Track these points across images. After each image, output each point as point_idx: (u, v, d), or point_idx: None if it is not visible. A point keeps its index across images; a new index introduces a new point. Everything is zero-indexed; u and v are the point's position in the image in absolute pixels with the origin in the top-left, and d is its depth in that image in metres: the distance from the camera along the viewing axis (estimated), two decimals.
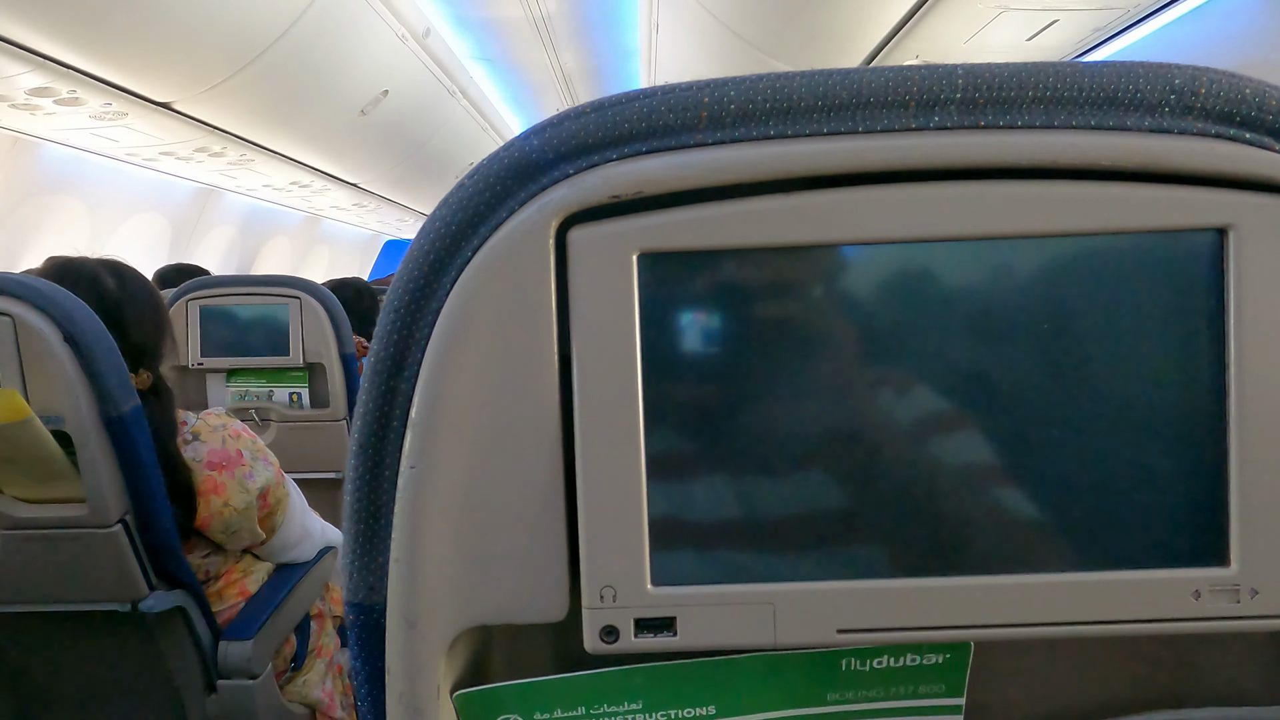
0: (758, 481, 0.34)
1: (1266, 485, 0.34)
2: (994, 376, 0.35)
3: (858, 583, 0.34)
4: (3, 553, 1.29)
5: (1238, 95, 0.35)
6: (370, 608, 0.37)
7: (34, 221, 3.55)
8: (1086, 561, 0.34)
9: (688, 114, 0.35)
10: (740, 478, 0.34)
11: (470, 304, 0.35)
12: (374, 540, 0.37)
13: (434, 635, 0.35)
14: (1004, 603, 0.34)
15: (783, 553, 0.34)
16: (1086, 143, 0.34)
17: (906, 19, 2.30)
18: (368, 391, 0.37)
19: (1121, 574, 0.34)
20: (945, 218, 0.34)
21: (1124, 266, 0.34)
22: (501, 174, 0.35)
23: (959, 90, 0.35)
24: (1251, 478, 0.34)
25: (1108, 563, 0.34)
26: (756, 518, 0.34)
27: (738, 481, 0.34)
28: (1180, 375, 0.34)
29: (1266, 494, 0.34)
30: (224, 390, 2.31)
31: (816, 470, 0.34)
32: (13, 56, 2.37)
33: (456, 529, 0.35)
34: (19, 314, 1.19)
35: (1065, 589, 0.34)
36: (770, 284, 0.34)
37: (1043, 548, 0.35)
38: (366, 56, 3.62)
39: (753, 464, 0.35)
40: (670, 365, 0.34)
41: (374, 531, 0.37)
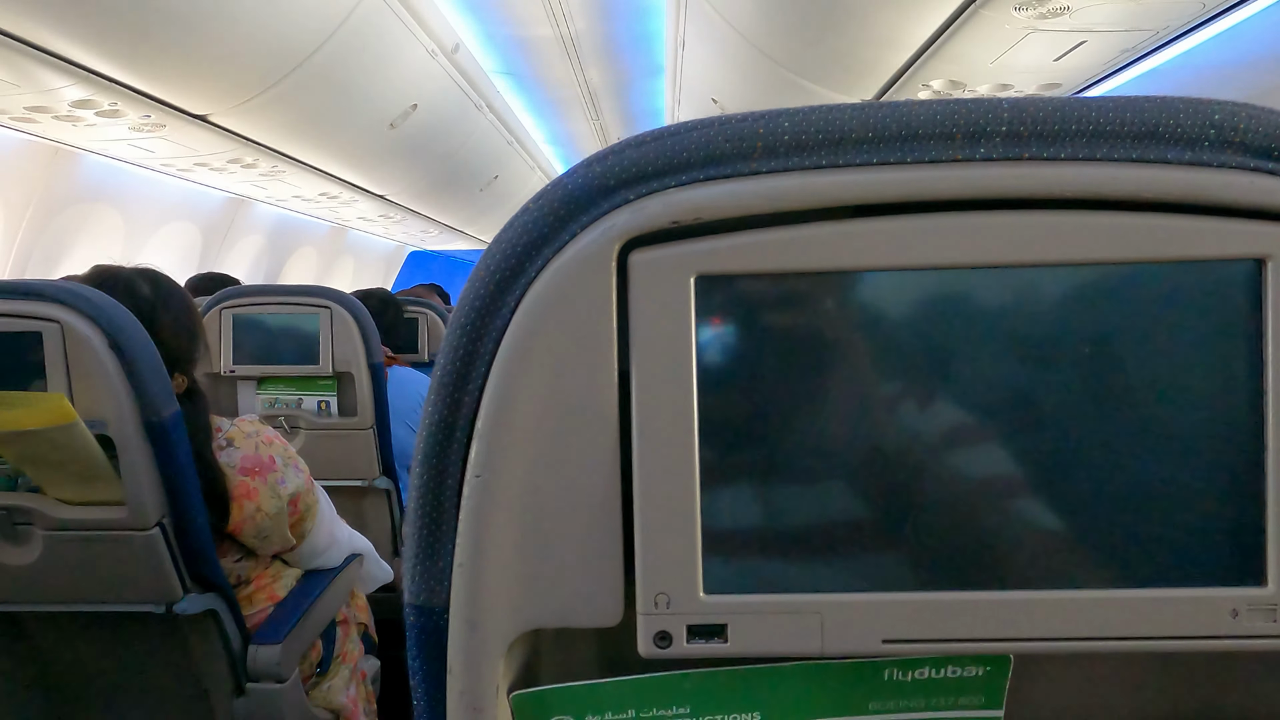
0: (807, 495, 0.36)
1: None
2: (1038, 397, 0.36)
3: (903, 595, 0.35)
4: (44, 553, 1.32)
5: (1277, 130, 0.36)
6: (431, 609, 0.39)
7: (72, 229, 3.63)
8: (1125, 579, 0.36)
9: (744, 144, 0.37)
10: (790, 491, 0.36)
11: (535, 321, 0.36)
12: (436, 545, 0.39)
13: (494, 637, 0.36)
14: (1044, 617, 0.35)
15: (831, 564, 0.36)
16: (1128, 175, 0.35)
17: (933, 39, 2.32)
18: (433, 403, 0.39)
19: (1160, 592, 0.35)
20: (991, 246, 0.35)
21: (1164, 292, 0.36)
22: (565, 199, 0.37)
23: (1004, 123, 0.37)
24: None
25: (1147, 580, 0.35)
26: (806, 530, 0.36)
27: (788, 494, 0.36)
28: (1218, 398, 0.36)
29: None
30: (254, 397, 2.35)
31: (864, 485, 0.36)
32: (58, 70, 2.44)
33: (518, 536, 0.36)
34: (67, 321, 1.23)
35: (1104, 605, 0.35)
36: (821, 306, 0.36)
37: (1083, 564, 0.36)
38: (397, 71, 3.68)
39: (802, 478, 0.36)
40: (724, 382, 0.36)
41: (436, 537, 0.39)
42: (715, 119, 0.38)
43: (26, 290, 1.24)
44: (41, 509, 1.29)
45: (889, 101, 0.38)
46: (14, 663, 1.51)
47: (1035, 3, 1.93)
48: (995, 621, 0.35)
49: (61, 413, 1.19)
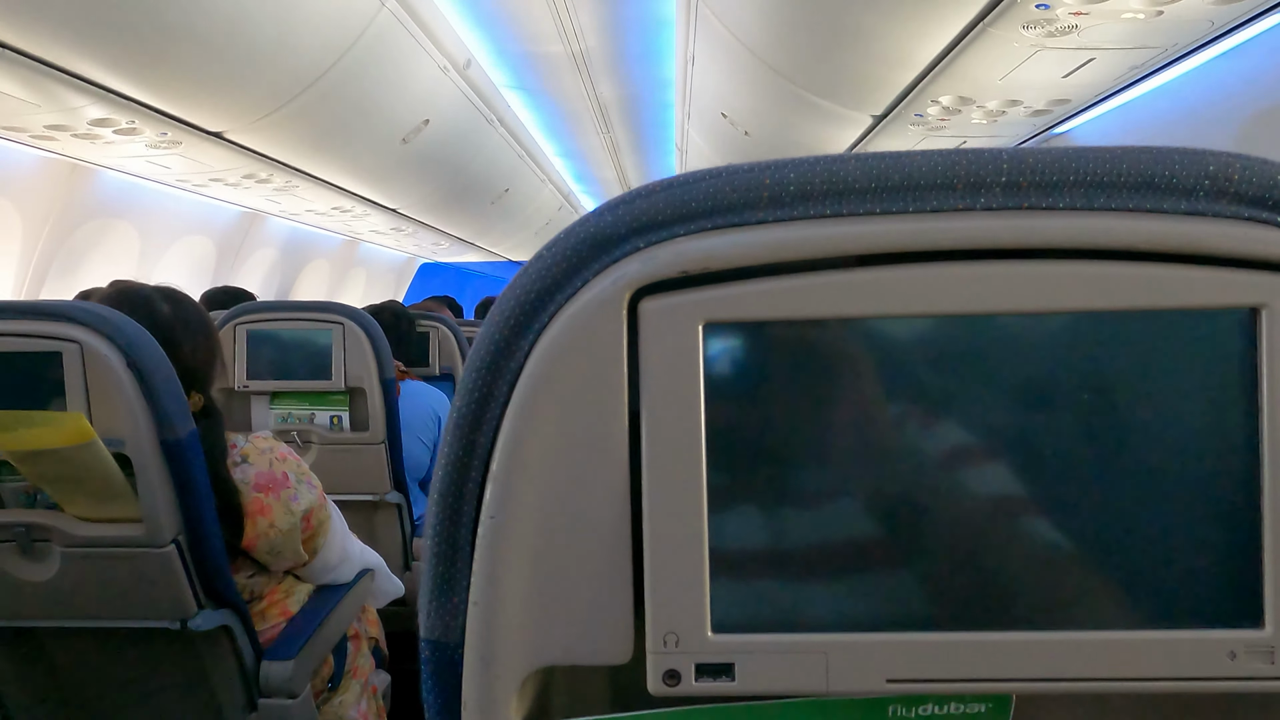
0: (812, 538, 0.37)
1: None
2: (1038, 441, 0.37)
3: (906, 635, 0.36)
4: (62, 569, 1.34)
5: (1270, 180, 0.37)
6: (445, 644, 0.40)
7: (89, 244, 3.67)
8: (1125, 620, 0.36)
9: (750, 194, 0.38)
10: (796, 534, 0.37)
11: (549, 365, 0.38)
12: (451, 582, 0.40)
13: (508, 674, 0.37)
14: (1044, 658, 0.36)
15: (835, 605, 0.37)
16: (1125, 226, 0.36)
17: (942, 56, 2.33)
18: (449, 444, 0.40)
19: (1159, 633, 0.36)
20: (991, 294, 0.36)
21: (1161, 339, 0.36)
22: (578, 246, 0.39)
23: (1004, 174, 0.38)
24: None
25: (1146, 622, 0.36)
26: (811, 572, 0.37)
27: (793, 537, 0.37)
28: (1215, 443, 0.36)
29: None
30: (268, 412, 2.37)
31: (867, 529, 0.37)
32: (78, 89, 2.48)
33: (531, 575, 0.37)
34: (86, 341, 1.25)
35: (1104, 646, 0.36)
36: (825, 353, 0.37)
37: (1084, 606, 0.36)
38: (410, 87, 3.72)
39: (807, 521, 0.37)
40: (731, 427, 0.37)
41: (451, 574, 0.40)
42: (723, 169, 0.39)
43: (47, 311, 1.27)
44: (59, 526, 1.31)
45: (891, 152, 0.39)
46: (30, 677, 1.53)
47: (1043, 21, 1.94)
48: (996, 662, 0.36)
49: (80, 432, 1.21)
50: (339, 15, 2.80)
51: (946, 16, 2.08)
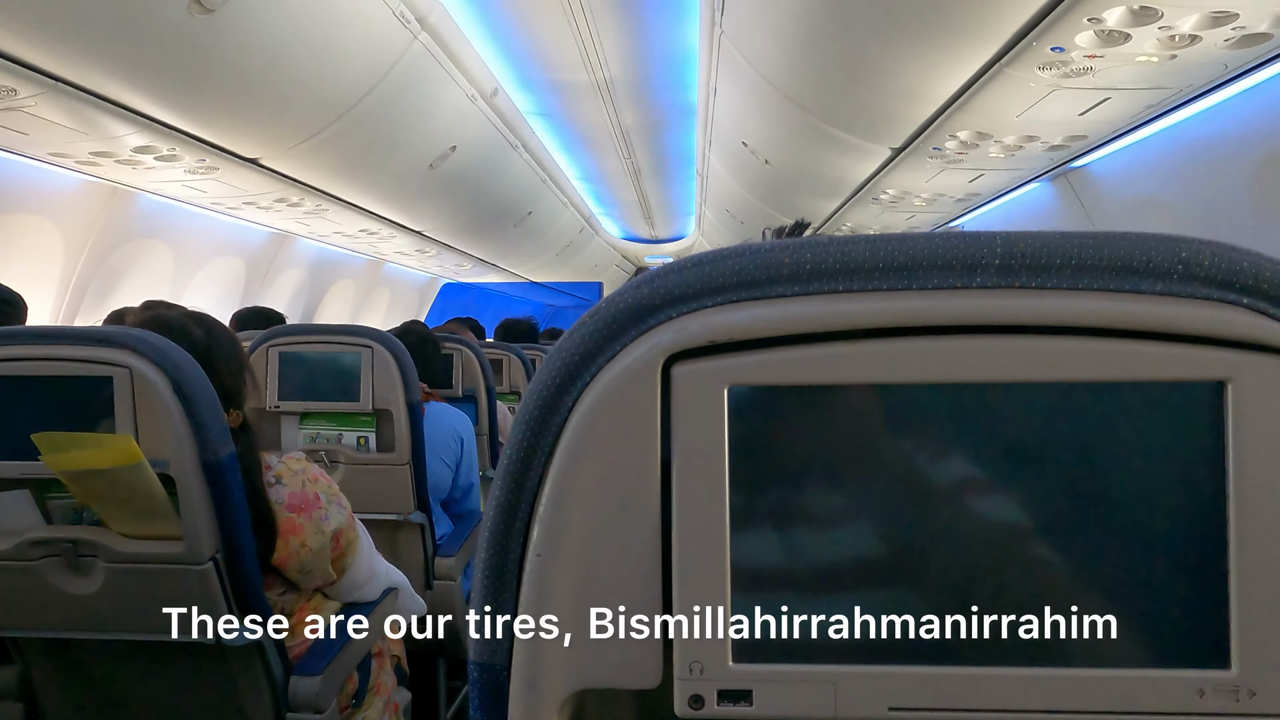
0: (822, 577, 0.41)
1: (1262, 599, 0.40)
2: (1028, 497, 0.41)
3: (905, 668, 0.41)
4: (105, 584, 1.39)
5: (1236, 266, 0.42)
6: (493, 668, 0.45)
7: (125, 264, 3.78)
8: (1105, 659, 0.40)
9: (771, 271, 0.43)
10: (807, 573, 0.42)
11: (590, 421, 0.42)
12: (498, 610, 0.45)
13: (550, 695, 0.42)
14: (1032, 691, 0.40)
15: (843, 639, 0.41)
16: (1107, 307, 0.41)
17: (959, 94, 2.38)
18: (500, 486, 0.45)
19: (1136, 672, 0.40)
20: (984, 365, 0.41)
21: (1140, 407, 0.41)
22: (618, 315, 0.44)
23: (997, 257, 0.42)
24: (1249, 592, 0.40)
25: (1124, 661, 0.40)
26: (822, 609, 0.41)
27: (805, 577, 0.41)
28: (1188, 502, 0.41)
29: (1262, 607, 0.40)
30: (297, 432, 2.43)
31: (872, 571, 0.41)
32: (122, 119, 2.58)
33: (572, 607, 0.42)
34: (136, 366, 1.31)
35: (1087, 682, 0.40)
36: (836, 414, 0.42)
37: (1068, 645, 0.41)
38: (438, 115, 3.81)
39: (818, 563, 0.42)
40: (753, 479, 0.41)
41: (499, 604, 0.44)
42: (746, 249, 0.44)
43: (100, 338, 1.33)
44: (105, 542, 1.37)
45: (896, 235, 0.44)
46: (69, 687, 1.58)
47: (1059, 63, 1.98)
48: (986, 693, 0.40)
49: (129, 454, 1.27)
50: (373, 47, 2.90)
51: (963, 57, 2.13)
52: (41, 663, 1.55)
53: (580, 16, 3.54)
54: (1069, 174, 3.30)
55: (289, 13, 2.36)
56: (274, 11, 2.31)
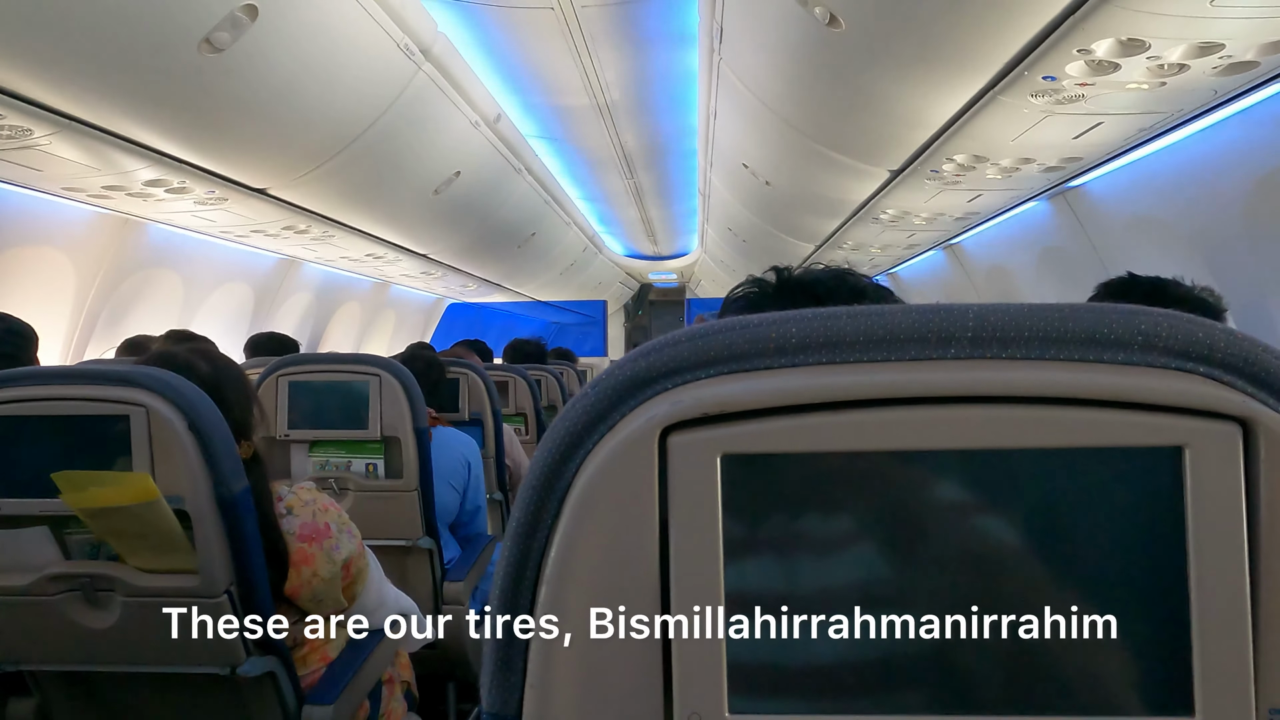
0: (813, 634, 0.44)
1: (1221, 650, 0.42)
2: (998, 554, 0.44)
3: (891, 717, 0.44)
4: (122, 617, 1.43)
5: (1191, 337, 0.45)
6: (505, 717, 0.48)
7: (135, 292, 3.84)
8: (1077, 709, 0.43)
9: (759, 344, 0.46)
10: (799, 630, 0.45)
11: (593, 486, 0.46)
12: (510, 665, 0.48)
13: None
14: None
15: (831, 691, 0.44)
16: (1071, 378, 0.44)
17: (955, 119, 2.42)
18: (509, 548, 0.48)
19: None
20: (959, 433, 0.44)
21: (1105, 470, 0.44)
22: (617, 387, 0.47)
23: (969, 330, 0.46)
24: (1210, 644, 0.42)
25: (1093, 710, 0.43)
26: (814, 662, 0.44)
27: (798, 633, 0.44)
28: (1150, 557, 0.43)
29: (1222, 657, 0.42)
30: (306, 460, 2.46)
31: (859, 628, 0.44)
32: (134, 154, 2.64)
33: (577, 663, 0.45)
34: (152, 405, 1.35)
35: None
36: (823, 478, 0.45)
37: (1042, 696, 0.44)
38: (442, 142, 3.87)
39: (809, 619, 0.45)
40: (745, 543, 0.45)
41: (509, 658, 0.48)
42: (736, 323, 0.47)
43: (118, 377, 1.37)
44: (122, 577, 1.40)
45: (876, 308, 0.47)
46: (85, 718, 1.61)
47: (1051, 91, 2.02)
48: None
49: (146, 491, 1.30)
50: (378, 79, 2.96)
51: (957, 84, 2.18)
52: (59, 695, 1.58)
53: (581, 42, 3.60)
54: (1066, 193, 3.33)
55: (296, 49, 2.42)
56: (282, 48, 2.36)
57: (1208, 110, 2.18)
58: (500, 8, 3.29)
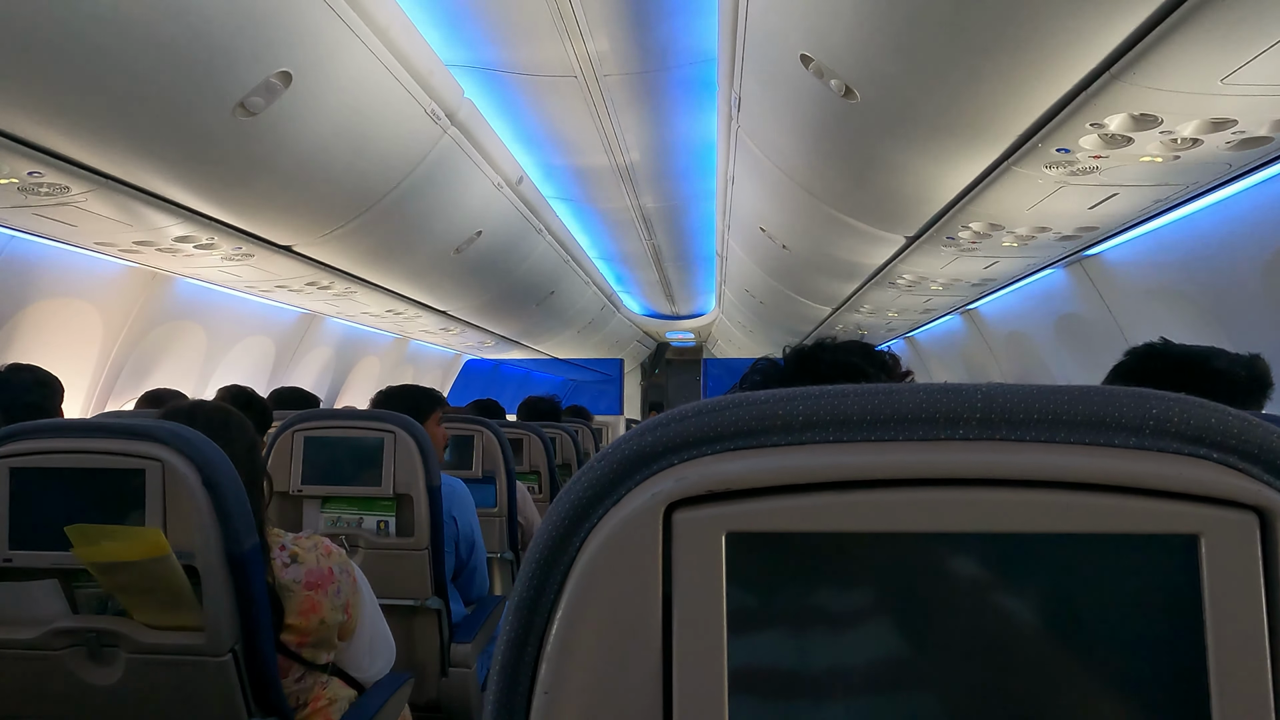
0: (815, 711, 0.43)
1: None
2: (1009, 642, 0.43)
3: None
4: (125, 675, 1.41)
5: (1204, 422, 0.44)
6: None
7: (160, 344, 3.90)
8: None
9: (765, 421, 0.46)
10: (802, 708, 0.43)
11: (597, 561, 0.45)
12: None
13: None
14: None
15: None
16: (1081, 462, 0.44)
17: (971, 188, 2.44)
18: (510, 623, 0.47)
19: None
20: (967, 517, 0.43)
21: (1117, 557, 0.43)
22: (623, 461, 0.47)
23: (978, 411, 0.45)
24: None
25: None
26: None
27: (800, 711, 0.43)
28: (1167, 649, 0.42)
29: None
30: (318, 515, 2.46)
31: (864, 708, 0.43)
32: (165, 211, 2.71)
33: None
34: (169, 460, 1.36)
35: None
36: (828, 561, 0.44)
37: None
38: (465, 203, 3.95)
39: (812, 697, 0.44)
40: (750, 624, 0.44)
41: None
42: (743, 400, 0.47)
43: (136, 431, 1.39)
44: (128, 632, 1.39)
45: (883, 386, 0.47)
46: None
47: (1065, 163, 2.04)
48: None
49: (157, 546, 1.30)
50: (405, 142, 3.04)
51: (972, 155, 2.20)
52: None
53: (602, 108, 3.69)
54: (1084, 261, 3.34)
55: (327, 114, 2.50)
56: (313, 113, 2.44)
57: (1224, 183, 2.19)
58: (525, 75, 3.39)
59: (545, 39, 2.97)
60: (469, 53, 3.18)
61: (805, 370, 0.92)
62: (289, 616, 1.49)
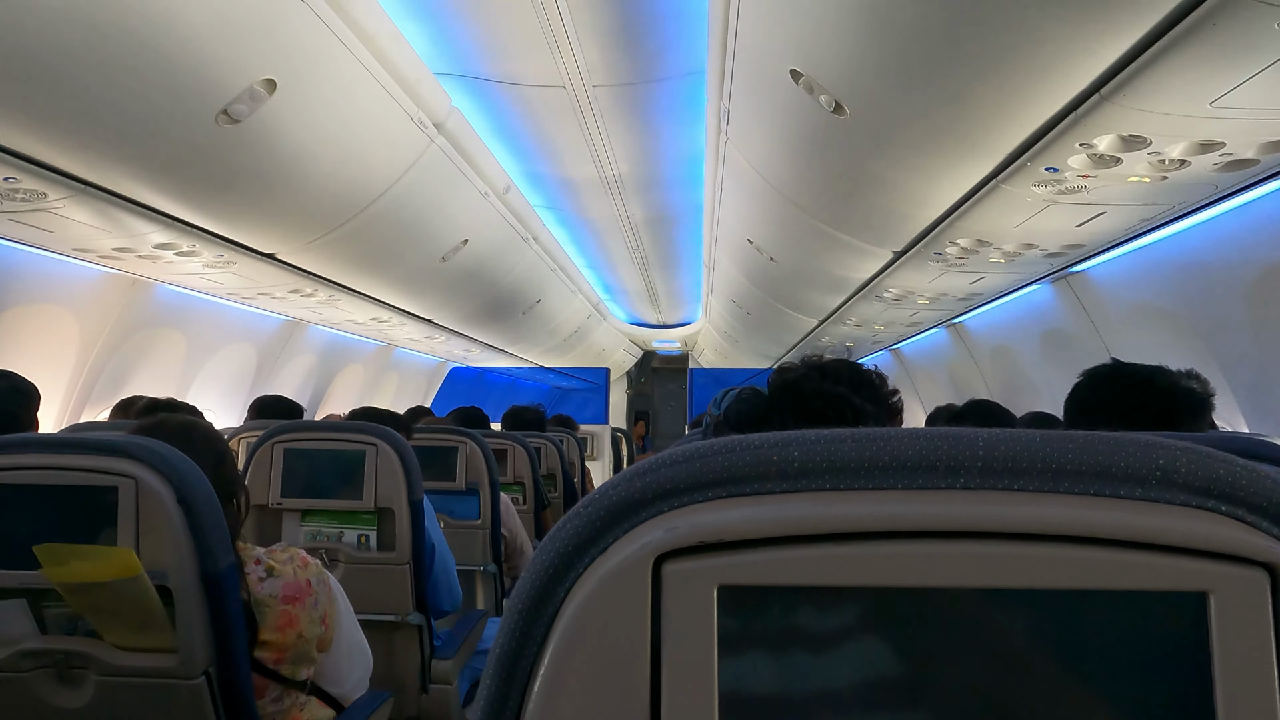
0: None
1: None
2: (1009, 701, 0.41)
3: None
4: (95, 698, 1.37)
5: (1212, 474, 0.43)
6: None
7: (140, 351, 3.84)
8: None
9: (760, 468, 0.44)
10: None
11: (582, 615, 0.43)
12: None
13: None
14: None
15: None
16: (1086, 516, 0.42)
17: (958, 204, 2.44)
18: (490, 677, 0.45)
19: None
20: (968, 571, 0.42)
21: (1123, 613, 0.41)
22: (610, 508, 0.45)
23: (980, 459, 0.44)
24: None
25: None
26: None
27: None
28: (1175, 709, 0.41)
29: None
30: (298, 529, 2.42)
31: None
32: (146, 218, 2.67)
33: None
34: (142, 477, 1.32)
35: None
36: (823, 615, 0.42)
37: None
38: (451, 212, 3.92)
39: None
40: (742, 680, 0.42)
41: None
42: (736, 444, 0.45)
43: (107, 447, 1.35)
44: (97, 654, 1.35)
45: (882, 432, 0.45)
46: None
47: (1053, 182, 2.05)
48: None
49: (128, 566, 1.27)
50: (391, 151, 3.01)
51: (960, 172, 2.20)
52: None
53: (591, 120, 3.68)
54: (1069, 278, 3.35)
55: (312, 122, 2.46)
56: (298, 121, 2.41)
57: (1210, 203, 2.20)
58: (513, 85, 3.37)
59: (534, 49, 2.95)
60: (457, 62, 3.16)
61: (790, 400, 0.90)
62: (264, 633, 1.45)
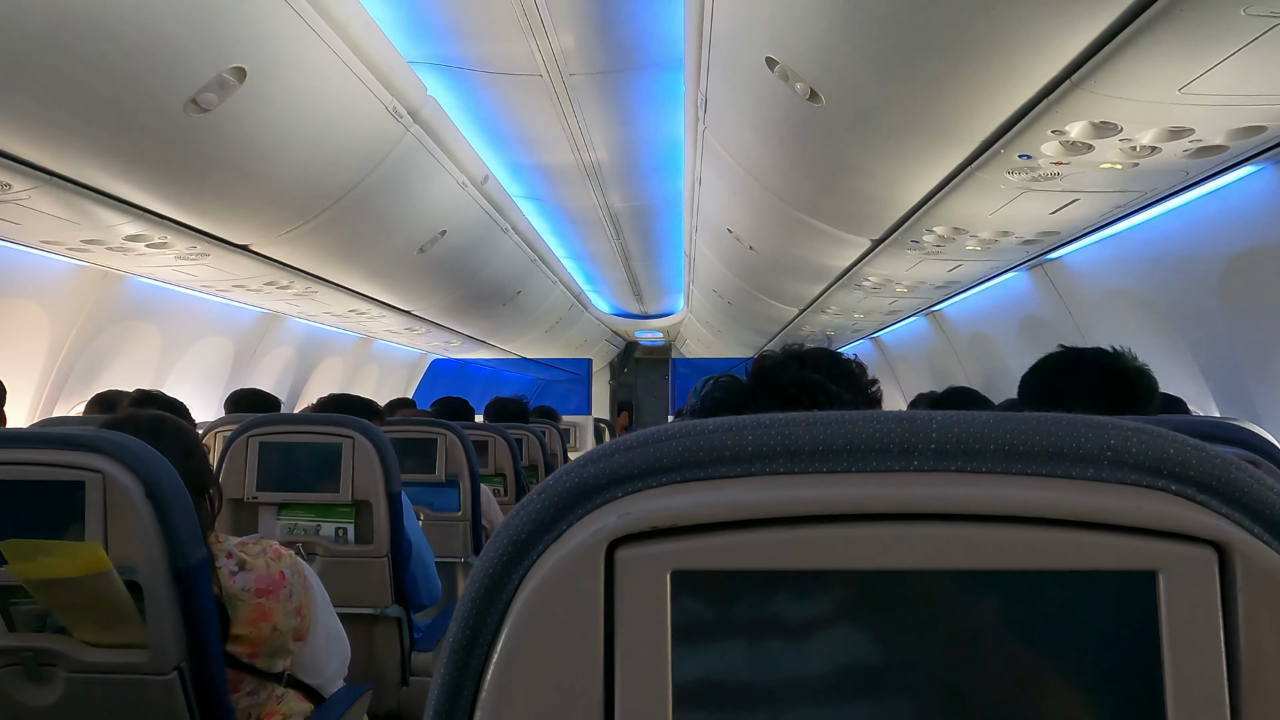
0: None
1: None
2: (963, 682, 0.42)
3: None
4: (65, 695, 1.36)
5: (1162, 453, 0.43)
6: None
7: (112, 345, 3.79)
8: None
9: (714, 452, 0.44)
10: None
11: (536, 601, 0.43)
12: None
13: None
14: None
15: None
16: (1037, 496, 0.42)
17: (934, 192, 2.45)
18: (444, 666, 0.45)
19: None
20: (921, 552, 0.42)
21: (1074, 592, 0.41)
22: (565, 494, 0.45)
23: (933, 441, 0.44)
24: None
25: None
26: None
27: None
28: (1124, 686, 0.41)
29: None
30: (274, 523, 2.40)
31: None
32: (115, 209, 2.63)
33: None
34: (109, 471, 1.30)
35: None
36: (774, 599, 0.42)
37: None
38: (429, 202, 3.90)
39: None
40: (696, 665, 0.42)
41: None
42: (689, 429, 0.45)
43: (74, 441, 1.33)
44: (66, 651, 1.34)
45: (835, 415, 0.45)
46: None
47: (1026, 169, 2.06)
48: None
49: (96, 561, 1.25)
50: (366, 140, 2.98)
51: (936, 160, 2.21)
52: None
53: (568, 108, 3.66)
54: (1045, 265, 3.38)
55: (284, 111, 2.43)
56: (269, 110, 2.38)
57: (1181, 189, 2.22)
58: (489, 73, 3.35)
59: (510, 35, 2.93)
60: (432, 49, 3.13)
61: (767, 388, 0.90)
62: (236, 627, 1.44)
